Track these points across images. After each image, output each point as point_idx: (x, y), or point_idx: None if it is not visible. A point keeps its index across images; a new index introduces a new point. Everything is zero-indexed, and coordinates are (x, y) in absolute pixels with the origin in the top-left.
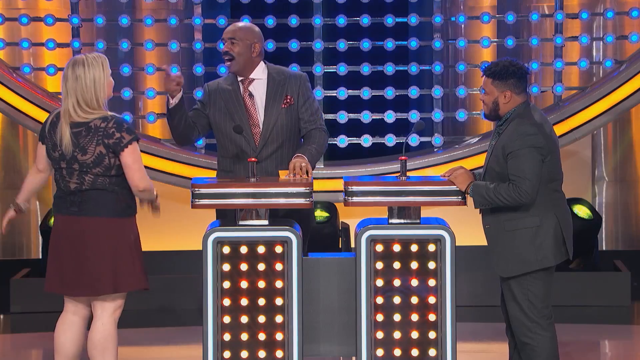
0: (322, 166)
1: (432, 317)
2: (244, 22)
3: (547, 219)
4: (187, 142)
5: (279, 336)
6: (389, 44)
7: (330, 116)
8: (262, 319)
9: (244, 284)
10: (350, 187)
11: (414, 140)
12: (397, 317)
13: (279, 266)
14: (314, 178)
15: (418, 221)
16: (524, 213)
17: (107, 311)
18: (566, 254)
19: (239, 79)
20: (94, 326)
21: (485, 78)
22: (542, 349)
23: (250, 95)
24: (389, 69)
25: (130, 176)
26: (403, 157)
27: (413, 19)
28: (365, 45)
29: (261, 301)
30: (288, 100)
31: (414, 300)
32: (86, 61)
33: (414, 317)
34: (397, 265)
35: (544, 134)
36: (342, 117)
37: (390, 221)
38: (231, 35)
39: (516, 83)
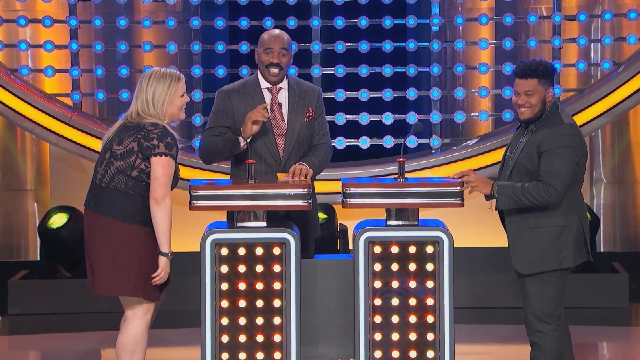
0: None
1: (430, 318)
2: (283, 32)
3: (571, 220)
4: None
5: (277, 338)
6: (387, 46)
7: (328, 118)
8: (260, 320)
9: (242, 286)
10: (348, 189)
11: (412, 141)
12: (395, 319)
13: (277, 268)
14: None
15: (416, 223)
16: (551, 212)
17: (137, 314)
18: (587, 254)
19: (265, 86)
20: (126, 328)
21: (528, 80)
22: (549, 349)
23: (279, 104)
24: (387, 70)
25: (154, 187)
26: (401, 159)
27: (411, 21)
28: (364, 47)
29: (259, 303)
30: (310, 114)
31: (412, 302)
32: (153, 75)
33: (412, 319)
34: (395, 266)
35: (580, 136)
36: (340, 118)
37: (388, 223)
38: (283, 46)
39: (552, 81)
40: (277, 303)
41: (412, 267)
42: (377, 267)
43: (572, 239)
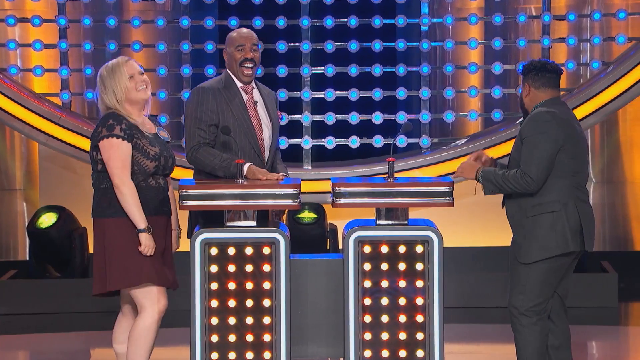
0: (310, 167)
1: (419, 318)
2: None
3: (567, 207)
4: None
5: (266, 337)
6: (377, 46)
7: (318, 117)
8: (249, 320)
9: (231, 286)
10: (338, 189)
11: (401, 141)
12: (384, 319)
13: (266, 267)
14: (302, 179)
15: (406, 222)
16: (545, 199)
17: (144, 306)
18: (582, 244)
19: (239, 85)
20: (137, 318)
21: None
22: (527, 343)
23: (255, 103)
24: (377, 70)
25: (110, 174)
26: (391, 159)
27: (400, 21)
28: (353, 46)
29: (249, 302)
30: (279, 116)
31: (402, 301)
32: (104, 69)
33: (402, 319)
34: (384, 266)
35: (559, 122)
36: (330, 118)
37: (378, 222)
38: (254, 42)
39: (533, 77)
40: (266, 303)
41: (402, 266)
42: (367, 266)
43: (568, 226)
